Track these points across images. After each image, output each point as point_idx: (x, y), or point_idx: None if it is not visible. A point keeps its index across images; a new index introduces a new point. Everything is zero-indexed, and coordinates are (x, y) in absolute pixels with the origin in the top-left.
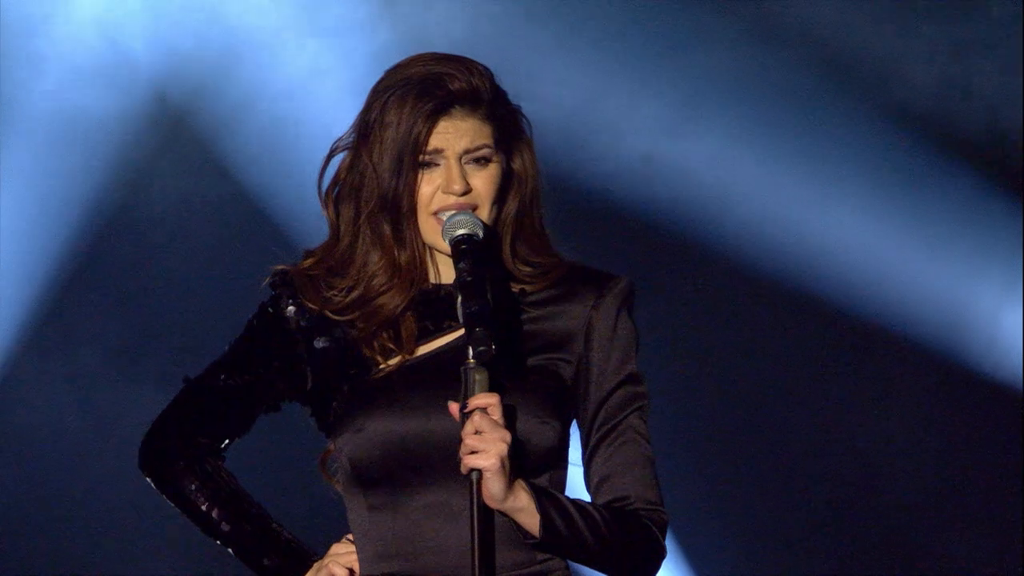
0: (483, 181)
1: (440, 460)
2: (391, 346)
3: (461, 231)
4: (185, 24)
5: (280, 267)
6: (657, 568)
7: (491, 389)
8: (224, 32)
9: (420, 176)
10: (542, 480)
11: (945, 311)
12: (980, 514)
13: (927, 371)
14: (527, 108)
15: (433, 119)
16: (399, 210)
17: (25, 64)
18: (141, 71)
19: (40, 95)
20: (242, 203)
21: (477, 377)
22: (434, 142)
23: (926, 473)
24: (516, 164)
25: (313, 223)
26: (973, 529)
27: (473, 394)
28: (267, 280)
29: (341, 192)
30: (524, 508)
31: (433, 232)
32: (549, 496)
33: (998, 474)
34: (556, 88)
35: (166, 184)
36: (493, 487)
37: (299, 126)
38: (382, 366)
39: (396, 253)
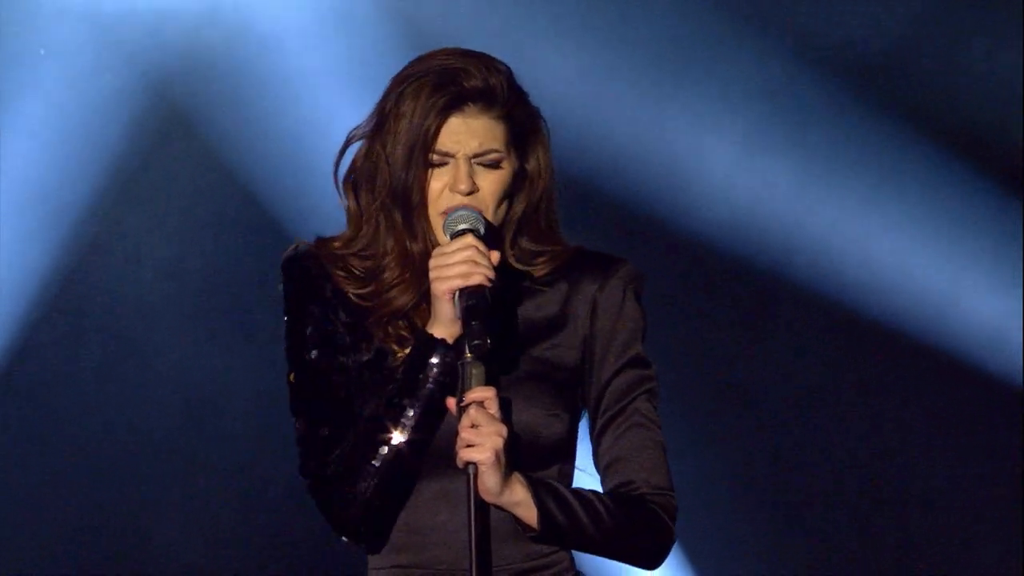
0: (490, 183)
1: (448, 452)
2: (406, 334)
3: (462, 226)
4: (185, 22)
5: (303, 241)
6: (665, 552)
7: (488, 383)
8: (225, 28)
9: (430, 172)
10: (551, 472)
11: (945, 310)
12: (980, 514)
13: (927, 371)
14: (540, 104)
15: (444, 115)
16: (409, 202)
17: (24, 63)
18: (140, 68)
19: (37, 92)
20: (243, 202)
21: (473, 371)
22: (445, 142)
23: (926, 473)
24: (531, 165)
25: (315, 224)
26: (973, 529)
27: (469, 388)
28: (290, 248)
29: (357, 179)
30: (521, 502)
31: (440, 230)
32: (547, 488)
33: (998, 474)
34: (566, 84)
35: (166, 182)
36: (488, 481)
37: (300, 125)
38: (399, 354)
39: (408, 244)
